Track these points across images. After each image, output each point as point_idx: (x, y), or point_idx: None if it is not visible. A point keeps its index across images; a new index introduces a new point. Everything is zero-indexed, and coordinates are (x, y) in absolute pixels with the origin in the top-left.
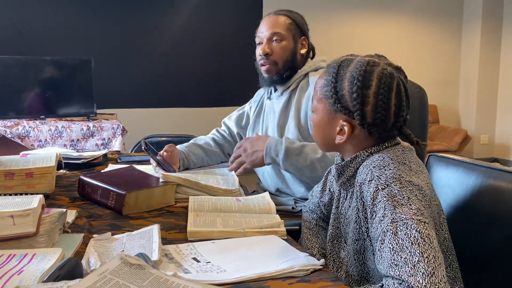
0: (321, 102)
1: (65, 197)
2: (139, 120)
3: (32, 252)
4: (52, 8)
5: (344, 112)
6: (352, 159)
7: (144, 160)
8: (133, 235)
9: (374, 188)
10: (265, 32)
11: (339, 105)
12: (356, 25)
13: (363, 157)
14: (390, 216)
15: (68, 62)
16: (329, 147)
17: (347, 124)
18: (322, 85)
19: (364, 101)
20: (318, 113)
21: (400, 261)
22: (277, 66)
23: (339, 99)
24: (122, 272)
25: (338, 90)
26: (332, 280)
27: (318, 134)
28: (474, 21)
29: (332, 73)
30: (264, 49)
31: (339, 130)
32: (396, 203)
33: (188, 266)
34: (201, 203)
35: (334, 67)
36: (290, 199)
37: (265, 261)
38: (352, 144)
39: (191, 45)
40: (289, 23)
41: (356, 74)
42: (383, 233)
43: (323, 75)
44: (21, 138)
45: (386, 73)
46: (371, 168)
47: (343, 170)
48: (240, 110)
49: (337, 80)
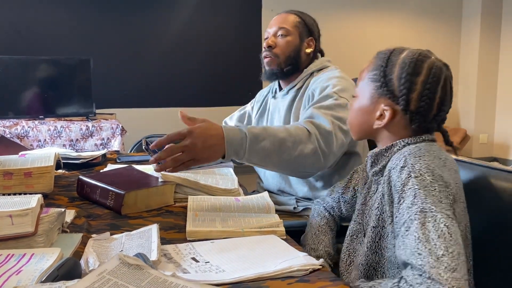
0: (366, 86)
1: (64, 197)
2: (138, 120)
3: (31, 252)
4: (51, 8)
5: (389, 96)
6: (388, 148)
7: (143, 160)
8: (132, 235)
9: (406, 174)
10: (273, 27)
11: (385, 89)
12: (355, 25)
13: (399, 147)
14: (420, 205)
15: (67, 62)
16: (365, 133)
17: (389, 108)
18: (370, 69)
19: (411, 87)
20: (360, 97)
21: (424, 251)
22: (279, 59)
23: (386, 82)
24: (120, 272)
25: (387, 74)
26: (331, 280)
27: (356, 119)
28: (473, 20)
29: (383, 58)
30: (268, 42)
31: (380, 115)
32: (428, 193)
33: (187, 266)
34: (200, 203)
35: (386, 53)
36: (292, 199)
37: (264, 261)
38: (390, 131)
39: (190, 44)
40: (297, 21)
41: (408, 61)
42: (410, 221)
43: (371, 61)
44: (20, 138)
45: (437, 65)
46: (406, 155)
47: (378, 158)
48: (242, 110)
49: (387, 64)
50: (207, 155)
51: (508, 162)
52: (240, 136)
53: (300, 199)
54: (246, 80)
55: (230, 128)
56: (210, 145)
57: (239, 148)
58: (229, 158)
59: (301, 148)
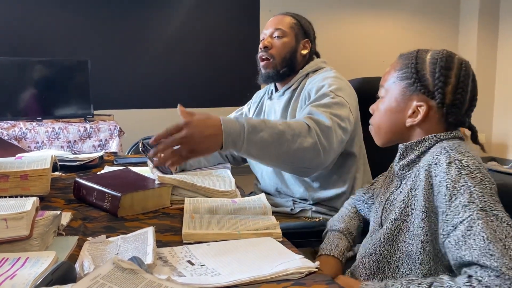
0: (394, 85)
1: (60, 199)
2: (136, 121)
3: (26, 256)
4: (48, 9)
5: (423, 91)
6: (419, 142)
7: (140, 162)
8: (128, 237)
9: (456, 171)
10: (269, 28)
11: (419, 84)
12: (351, 26)
13: (431, 142)
14: (479, 203)
15: (65, 63)
16: (394, 134)
17: (424, 104)
18: (398, 69)
19: (446, 81)
20: (387, 98)
21: (497, 252)
22: (275, 60)
23: (419, 78)
24: (114, 277)
25: (419, 70)
26: (327, 282)
27: (385, 120)
28: (471, 20)
29: (411, 57)
30: (264, 42)
31: (412, 112)
32: (483, 190)
33: (182, 269)
34: (196, 205)
35: (412, 53)
36: (289, 200)
37: (260, 264)
38: (423, 128)
39: (188, 45)
40: (293, 23)
41: (438, 57)
42: (471, 220)
43: (396, 63)
44: (17, 140)
45: (465, 60)
46: (448, 151)
47: (407, 151)
48: (239, 112)
49: (417, 61)
50: (205, 146)
51: (506, 161)
52: (239, 127)
53: (297, 200)
54: (243, 81)
55: (228, 119)
56: (207, 136)
57: (237, 138)
58: (227, 149)
59: (300, 141)
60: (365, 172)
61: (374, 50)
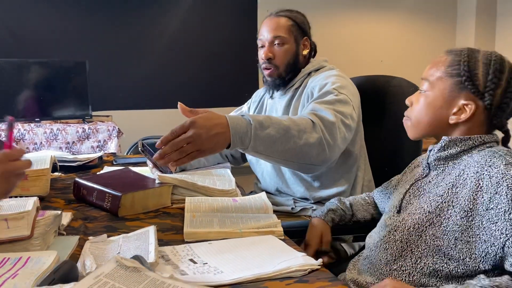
0: (442, 81)
1: (60, 200)
2: (134, 122)
3: (27, 255)
4: (46, 10)
5: (474, 91)
6: (464, 139)
7: (140, 162)
8: (129, 236)
9: None
10: (267, 35)
11: (469, 83)
12: (349, 24)
13: (475, 142)
14: None
15: (63, 65)
16: (434, 129)
17: (472, 103)
18: (447, 65)
19: (498, 83)
20: (433, 92)
21: None
22: (279, 70)
23: (471, 77)
24: (117, 275)
25: (471, 69)
26: (330, 280)
27: (427, 115)
28: (468, 19)
29: (463, 54)
30: (266, 54)
31: (457, 110)
32: None
33: (185, 268)
34: (197, 204)
35: (463, 50)
36: (290, 199)
37: (262, 262)
38: (466, 126)
39: (186, 45)
40: (290, 25)
41: (492, 58)
42: None
43: (444, 58)
44: (16, 141)
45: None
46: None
47: (450, 145)
48: (238, 111)
49: (470, 60)
50: (212, 145)
51: None
52: (245, 123)
53: (298, 199)
54: (242, 81)
55: (234, 116)
56: (214, 134)
57: (244, 135)
58: (235, 147)
59: (306, 137)
60: (366, 171)
61: (372, 49)
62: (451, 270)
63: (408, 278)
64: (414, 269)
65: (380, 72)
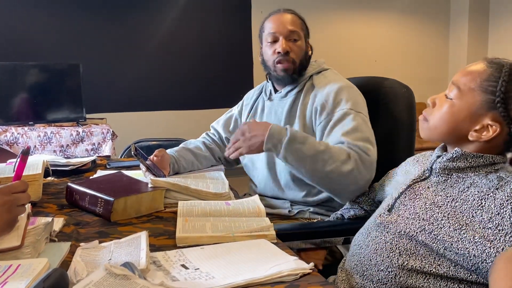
0: (473, 94)
1: (53, 205)
2: (129, 124)
3: (17, 263)
4: (39, 13)
5: (503, 114)
6: (477, 156)
7: (133, 165)
8: (121, 242)
9: None
10: (282, 29)
11: (502, 106)
12: (342, 25)
13: (486, 161)
14: None
15: (56, 67)
16: (450, 138)
17: (498, 126)
18: (484, 78)
19: None
20: (461, 102)
21: None
22: (295, 65)
23: (505, 99)
24: (107, 283)
25: (508, 90)
26: (321, 284)
27: (448, 123)
28: (461, 18)
29: (504, 72)
30: (283, 47)
31: (480, 127)
32: None
33: (176, 274)
34: (190, 208)
35: (504, 65)
36: (286, 202)
37: (254, 266)
38: (481, 144)
39: (179, 47)
40: (301, 23)
41: None
42: None
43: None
44: (9, 145)
45: None
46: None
47: (460, 158)
48: (228, 114)
49: (509, 80)
50: (251, 143)
51: None
52: (282, 133)
53: (294, 202)
54: (236, 82)
55: (276, 125)
56: (253, 136)
57: (277, 142)
58: (267, 149)
59: (336, 165)
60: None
61: (365, 50)
62: (441, 274)
63: (394, 279)
64: (401, 270)
65: (375, 72)
